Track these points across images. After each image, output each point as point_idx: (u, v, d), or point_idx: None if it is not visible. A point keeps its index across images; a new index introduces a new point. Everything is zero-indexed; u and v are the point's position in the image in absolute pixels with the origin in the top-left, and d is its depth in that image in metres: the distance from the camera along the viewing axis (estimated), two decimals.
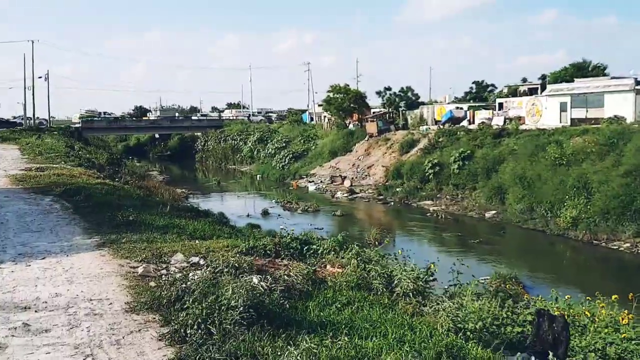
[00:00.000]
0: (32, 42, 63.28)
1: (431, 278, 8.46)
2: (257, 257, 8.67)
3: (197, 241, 10.02)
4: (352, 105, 52.41)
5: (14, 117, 79.54)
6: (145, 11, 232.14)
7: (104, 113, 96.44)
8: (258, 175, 54.46)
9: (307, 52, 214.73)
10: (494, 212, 32.85)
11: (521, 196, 32.02)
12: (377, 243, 27.59)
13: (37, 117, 66.43)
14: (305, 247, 11.72)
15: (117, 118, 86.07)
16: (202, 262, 8.11)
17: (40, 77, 66.71)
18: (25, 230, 10.87)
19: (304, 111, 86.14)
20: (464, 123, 48.03)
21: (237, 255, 8.81)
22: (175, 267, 7.98)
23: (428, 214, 34.33)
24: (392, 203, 38.37)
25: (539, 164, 32.89)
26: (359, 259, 8.09)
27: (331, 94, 53.78)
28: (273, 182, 51.96)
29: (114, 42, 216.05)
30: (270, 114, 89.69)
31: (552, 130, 36.41)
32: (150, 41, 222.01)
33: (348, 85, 55.01)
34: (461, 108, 49.48)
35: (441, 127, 46.89)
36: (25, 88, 62.19)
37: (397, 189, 39.98)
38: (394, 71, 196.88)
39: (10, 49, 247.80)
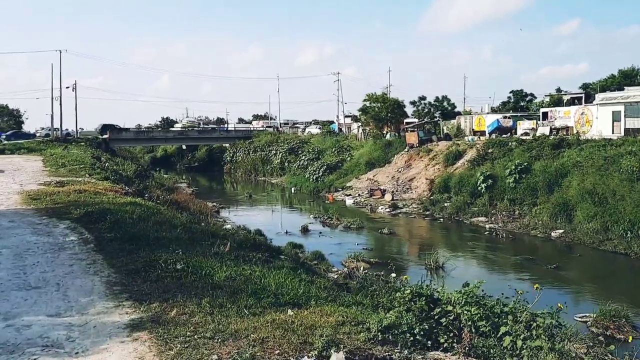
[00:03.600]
0: (60, 52, 60.18)
1: None
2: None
3: (289, 311, 5.92)
4: (389, 114, 48.21)
5: (42, 129, 76.79)
6: (169, 24, 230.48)
7: (203, 123, 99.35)
8: (292, 188, 50.22)
9: (328, 64, 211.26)
10: (561, 231, 28.30)
11: (592, 214, 27.49)
12: (437, 267, 23.44)
13: (57, 129, 63.02)
14: (438, 311, 7.56)
15: (205, 128, 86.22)
16: None
17: (67, 87, 63.63)
18: (19, 284, 6.87)
19: (330, 122, 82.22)
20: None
21: (369, 343, 4.70)
22: None
23: (486, 232, 29.89)
24: (442, 219, 33.97)
25: (611, 178, 28.38)
26: None
27: (367, 103, 49.70)
28: (307, 194, 47.69)
29: (138, 53, 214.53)
30: (297, 125, 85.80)
31: (621, 141, 31.93)
32: (174, 53, 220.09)
33: (385, 94, 50.93)
34: (509, 117, 45.03)
35: (479, 137, 42.74)
36: (52, 98, 58.96)
37: (445, 204, 35.56)
38: (416, 81, 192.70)
39: (35, 60, 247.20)
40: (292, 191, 49.45)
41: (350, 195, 42.58)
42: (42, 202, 14.44)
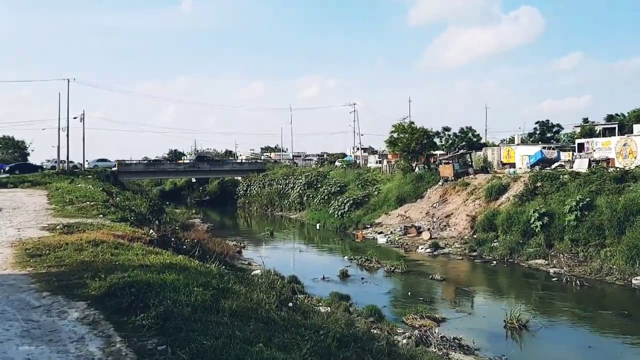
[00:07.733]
0: (68, 81, 56.17)
1: None
2: None
3: None
4: (417, 146, 43.88)
5: (48, 161, 72.43)
6: (174, 59, 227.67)
7: (264, 155, 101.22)
8: (317, 224, 45.37)
9: (331, 97, 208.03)
10: None
11: None
12: (520, 326, 18.81)
13: (63, 161, 58.50)
14: None
15: (268, 160, 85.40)
16: None
17: (75, 118, 59.43)
18: None
19: (343, 155, 78.14)
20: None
21: None
22: None
23: (553, 279, 25.30)
24: (494, 262, 29.34)
25: None
26: None
27: (395, 134, 45.41)
28: (332, 232, 42.91)
29: (144, 86, 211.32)
30: (309, 158, 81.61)
31: None
32: (178, 86, 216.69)
33: (413, 123, 46.70)
34: (554, 148, 40.84)
35: (511, 169, 38.52)
36: (59, 129, 54.66)
37: (494, 244, 31.03)
38: (421, 113, 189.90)
39: (41, 91, 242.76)
40: (318, 227, 44.64)
41: (382, 232, 37.97)
42: (44, 262, 9.89)
